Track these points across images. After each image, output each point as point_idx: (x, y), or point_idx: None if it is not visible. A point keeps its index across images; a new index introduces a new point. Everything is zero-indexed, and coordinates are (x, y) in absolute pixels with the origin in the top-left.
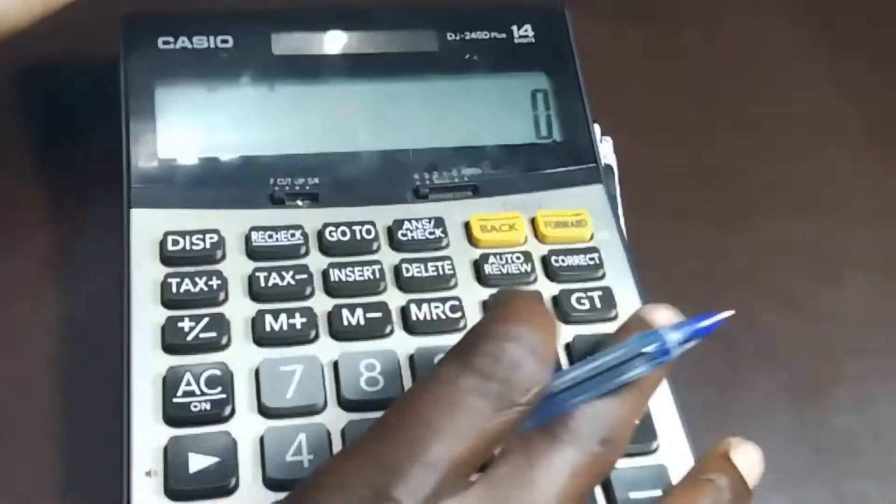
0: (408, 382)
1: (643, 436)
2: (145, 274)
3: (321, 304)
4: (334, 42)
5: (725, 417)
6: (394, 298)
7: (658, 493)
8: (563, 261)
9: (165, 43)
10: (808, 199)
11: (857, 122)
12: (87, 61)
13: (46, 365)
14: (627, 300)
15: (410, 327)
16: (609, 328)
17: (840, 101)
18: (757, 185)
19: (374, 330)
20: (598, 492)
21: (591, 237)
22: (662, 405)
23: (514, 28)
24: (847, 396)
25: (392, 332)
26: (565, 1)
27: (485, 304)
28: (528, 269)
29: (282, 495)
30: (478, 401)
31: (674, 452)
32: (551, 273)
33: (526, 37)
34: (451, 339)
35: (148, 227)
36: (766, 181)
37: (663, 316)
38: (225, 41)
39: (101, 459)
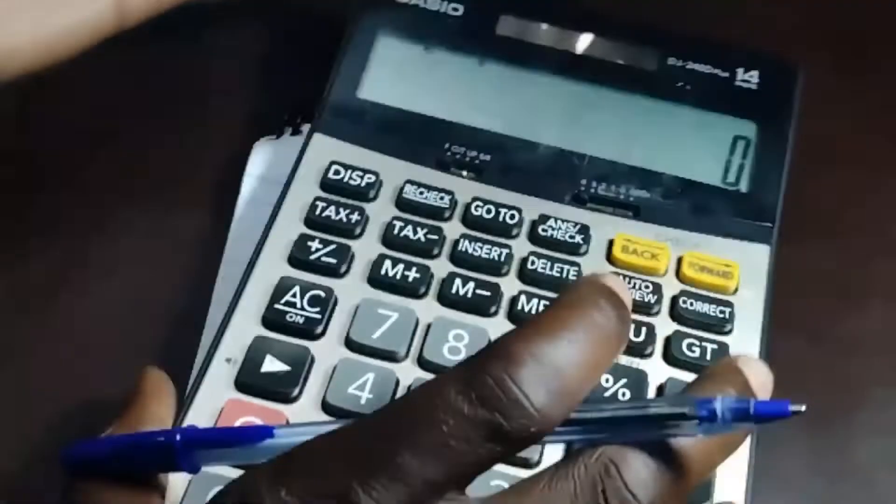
0: None
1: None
2: (301, 193)
3: (441, 267)
4: (556, 36)
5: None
6: (510, 285)
7: None
8: (691, 304)
9: None
10: (832, 224)
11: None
12: None
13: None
14: None
15: (514, 315)
16: None
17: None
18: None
19: (479, 306)
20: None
21: (735, 292)
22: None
23: (740, 70)
24: (867, 425)
25: (495, 313)
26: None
27: None
28: (653, 301)
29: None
30: (465, 427)
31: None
32: (676, 313)
33: (748, 82)
34: None
35: (321, 153)
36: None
37: (755, 372)
38: (455, 9)
39: None
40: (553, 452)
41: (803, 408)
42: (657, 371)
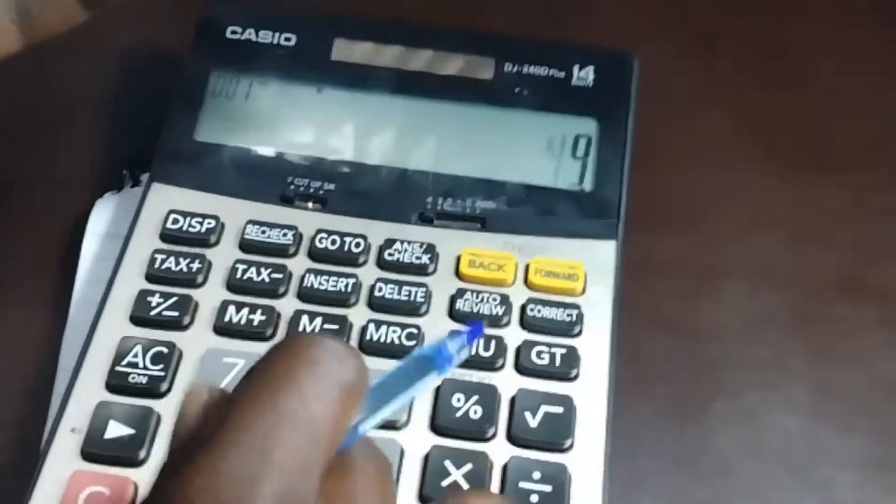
0: None
1: (558, 432)
2: (140, 247)
3: (288, 305)
4: (391, 55)
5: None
6: (358, 315)
7: (548, 489)
8: (538, 311)
9: (233, 32)
10: (681, 213)
11: (726, 129)
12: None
13: None
14: (593, 363)
15: (364, 346)
16: (563, 388)
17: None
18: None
19: None
20: (496, 473)
21: (582, 292)
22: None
23: (576, 68)
24: (725, 413)
25: None
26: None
27: None
28: (501, 313)
29: None
30: None
31: (585, 458)
32: (525, 321)
33: (584, 79)
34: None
35: (160, 202)
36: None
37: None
38: (288, 39)
39: None
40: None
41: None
42: (509, 383)
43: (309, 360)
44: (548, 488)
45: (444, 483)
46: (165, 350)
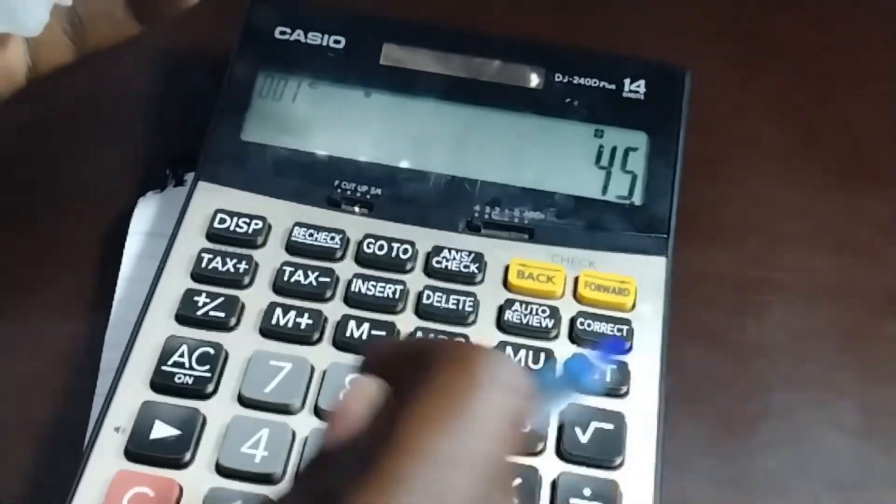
0: None
1: (609, 449)
2: (187, 245)
3: (335, 310)
4: (441, 62)
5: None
6: (406, 322)
7: None
8: (588, 325)
9: (282, 33)
10: (726, 226)
11: (775, 142)
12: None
13: None
14: (643, 379)
15: None
16: (616, 404)
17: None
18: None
19: None
20: (546, 488)
21: (632, 308)
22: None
23: (627, 81)
24: (773, 432)
25: None
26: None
27: None
28: (550, 325)
29: (228, 483)
30: None
31: (636, 475)
32: (574, 335)
33: (636, 92)
34: None
35: (206, 202)
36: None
37: None
38: (337, 41)
39: None
40: None
41: None
42: None
43: (485, 387)
44: None
45: None
46: (212, 351)
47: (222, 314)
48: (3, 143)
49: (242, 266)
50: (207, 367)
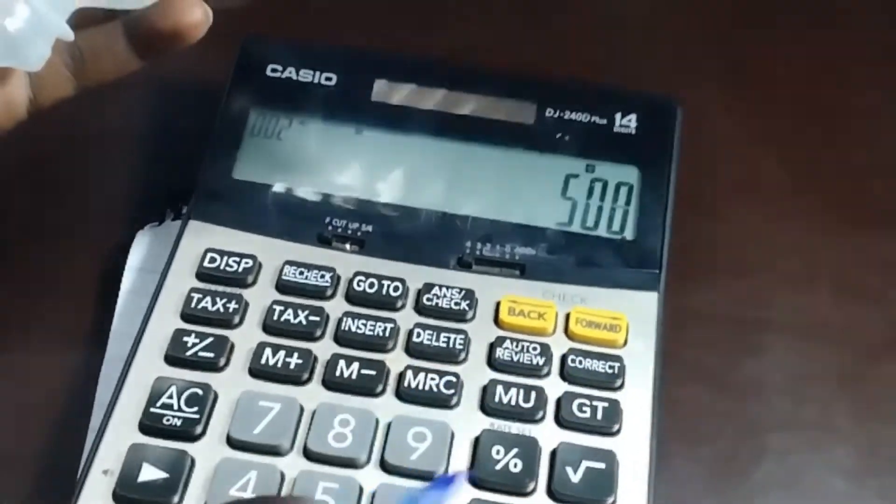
0: (378, 446)
1: (601, 489)
2: (176, 285)
3: (325, 349)
4: (431, 98)
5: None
6: (396, 361)
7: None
8: (579, 362)
9: (273, 70)
10: (722, 262)
11: (773, 179)
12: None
13: None
14: (635, 417)
15: (401, 393)
16: (605, 442)
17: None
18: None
19: (364, 387)
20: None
21: (624, 344)
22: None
23: (618, 115)
24: (770, 474)
25: (381, 392)
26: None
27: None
28: (541, 363)
29: None
30: None
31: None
32: (565, 372)
33: (627, 127)
34: (437, 414)
35: (197, 240)
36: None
37: None
38: (329, 78)
39: None
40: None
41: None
42: (549, 436)
43: None
44: None
45: None
46: (200, 392)
47: (211, 354)
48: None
49: (232, 305)
50: (196, 408)
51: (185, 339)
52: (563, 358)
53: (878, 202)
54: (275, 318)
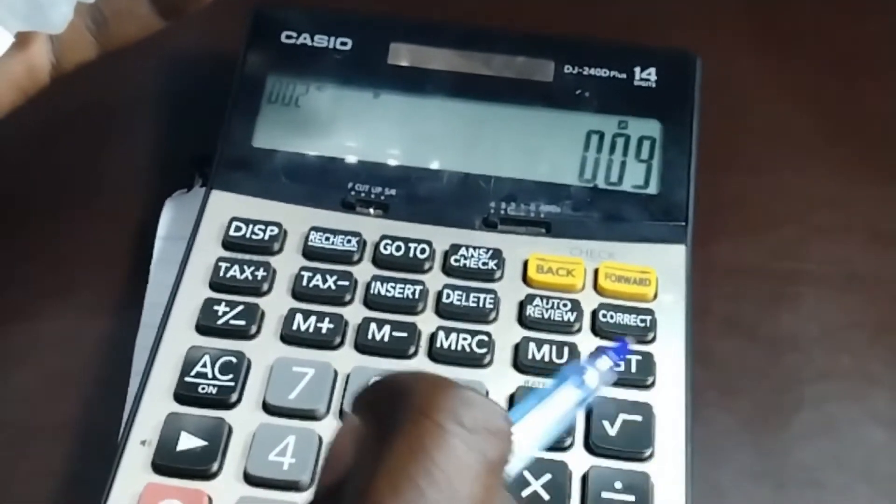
0: None
1: (639, 441)
2: (203, 255)
3: (355, 313)
4: (448, 59)
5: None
6: (427, 322)
7: (631, 498)
8: (611, 317)
9: (288, 37)
10: (755, 215)
11: (802, 129)
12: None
13: None
14: (669, 369)
15: (434, 354)
16: (640, 395)
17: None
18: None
19: (397, 349)
20: (576, 482)
21: (654, 298)
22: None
23: (637, 69)
24: (807, 424)
25: (414, 354)
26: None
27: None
28: (572, 319)
29: (257, 491)
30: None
31: (666, 466)
32: (597, 328)
33: (647, 80)
34: (471, 374)
35: (221, 210)
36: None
37: None
38: (344, 43)
39: None
40: None
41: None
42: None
43: (451, 436)
44: (631, 498)
45: (524, 493)
46: (234, 360)
47: (242, 322)
48: (25, 143)
49: (260, 273)
50: (230, 376)
51: (216, 307)
52: (594, 313)
53: None
54: (304, 284)
